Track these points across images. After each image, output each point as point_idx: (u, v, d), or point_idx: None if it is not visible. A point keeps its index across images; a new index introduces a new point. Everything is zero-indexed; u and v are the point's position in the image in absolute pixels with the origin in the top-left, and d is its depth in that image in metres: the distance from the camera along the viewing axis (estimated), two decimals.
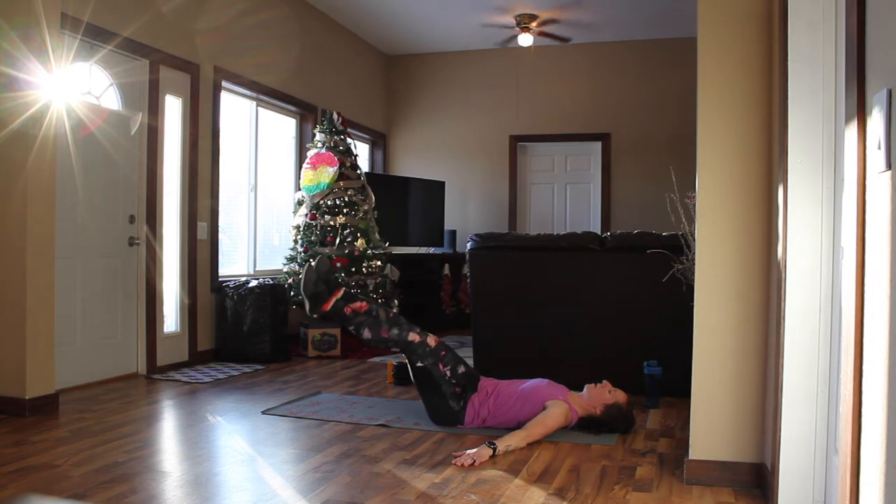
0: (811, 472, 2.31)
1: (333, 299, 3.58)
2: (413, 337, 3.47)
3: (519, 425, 3.34)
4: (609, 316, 4.37)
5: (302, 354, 5.80)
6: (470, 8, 7.07)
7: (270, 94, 6.36)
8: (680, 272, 3.78)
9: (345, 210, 5.91)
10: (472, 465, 2.89)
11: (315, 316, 3.64)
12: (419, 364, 3.47)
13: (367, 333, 3.51)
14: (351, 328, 3.58)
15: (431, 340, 3.49)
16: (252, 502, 2.49)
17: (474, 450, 2.99)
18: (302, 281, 3.61)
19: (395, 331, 3.49)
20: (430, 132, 8.67)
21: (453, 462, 2.92)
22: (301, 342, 5.88)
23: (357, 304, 3.59)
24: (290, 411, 3.82)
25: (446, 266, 7.70)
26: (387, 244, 6.35)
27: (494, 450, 2.99)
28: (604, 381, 3.49)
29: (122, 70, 4.77)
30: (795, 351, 2.31)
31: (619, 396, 3.43)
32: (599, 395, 3.43)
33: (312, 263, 3.64)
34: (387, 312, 3.59)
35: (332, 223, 5.86)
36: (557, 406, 3.33)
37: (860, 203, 1.42)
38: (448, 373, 3.48)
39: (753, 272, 2.67)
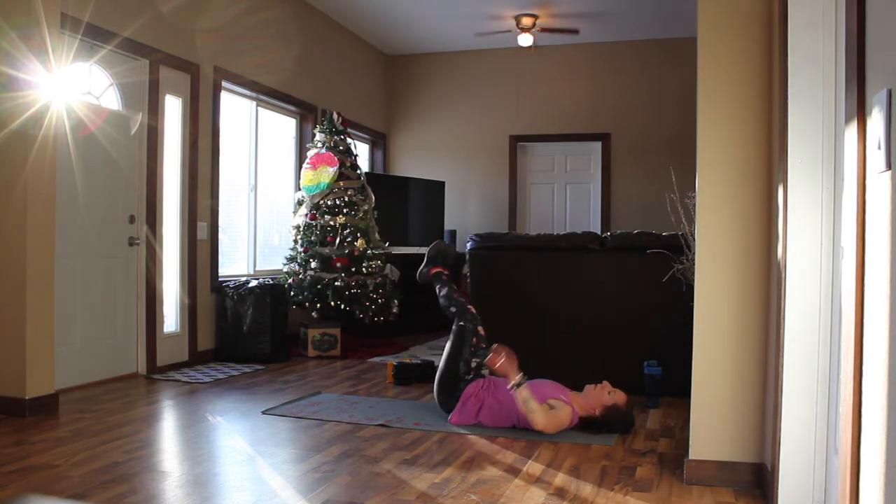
0: (811, 472, 2.31)
1: (439, 271, 4.03)
2: (472, 308, 3.82)
3: (517, 422, 3.40)
4: (609, 316, 4.37)
5: (302, 354, 5.80)
6: (470, 8, 7.07)
7: (270, 94, 6.36)
8: (680, 272, 3.78)
9: (345, 210, 5.91)
10: (501, 363, 3.28)
11: (420, 274, 4.12)
12: (461, 323, 3.75)
13: (444, 291, 3.90)
14: (436, 286, 3.97)
15: (481, 329, 3.76)
16: (252, 502, 2.49)
17: (508, 359, 3.32)
18: (434, 244, 4.19)
19: (462, 300, 3.86)
20: (430, 132, 8.67)
21: (486, 360, 3.37)
22: (301, 342, 5.88)
23: (457, 290, 3.98)
24: (290, 411, 3.82)
25: None
26: (387, 244, 6.34)
27: (519, 385, 3.24)
28: (603, 382, 3.49)
29: (122, 70, 4.77)
30: (795, 351, 2.31)
31: (619, 398, 3.43)
32: (599, 397, 3.44)
33: (445, 244, 4.24)
34: (469, 308, 3.89)
35: (332, 223, 5.86)
36: (563, 408, 3.37)
37: (860, 203, 1.42)
38: (473, 349, 3.66)
39: (753, 272, 2.67)
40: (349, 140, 6.17)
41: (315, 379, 4.84)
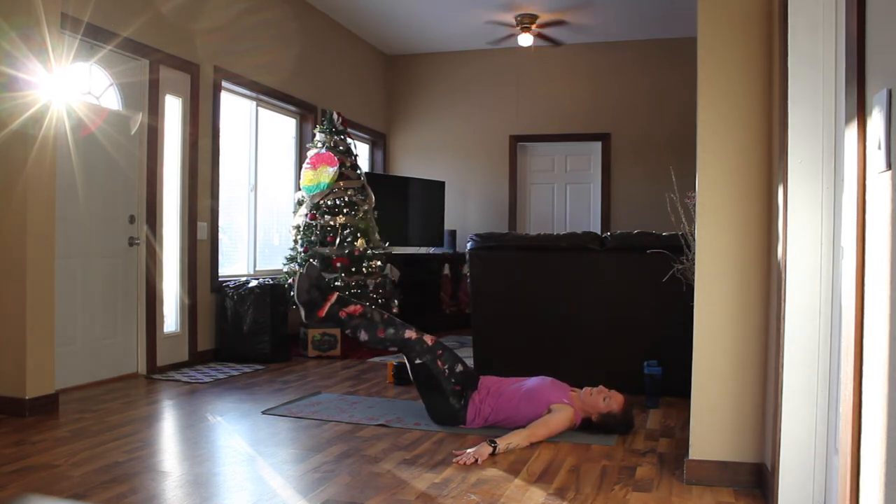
0: (811, 472, 2.31)
1: (328, 305, 3.61)
2: (409, 334, 3.51)
3: (521, 426, 3.32)
4: (609, 316, 4.37)
5: (302, 354, 5.80)
6: (470, 8, 7.07)
7: (270, 94, 6.36)
8: (680, 272, 3.78)
9: (345, 210, 5.91)
10: (475, 462, 2.89)
11: (310, 323, 3.68)
12: (417, 361, 3.49)
13: (363, 336, 3.56)
14: (347, 332, 3.62)
15: (428, 339, 3.53)
16: (252, 502, 2.49)
17: (474, 448, 2.99)
18: (295, 290, 3.66)
19: (391, 330, 3.53)
20: (430, 132, 8.67)
21: (454, 461, 2.92)
22: (301, 342, 5.88)
23: (351, 308, 3.63)
24: (290, 411, 3.82)
25: (446, 266, 7.70)
26: (387, 244, 6.35)
27: (495, 448, 3.00)
28: (599, 387, 3.43)
29: (122, 70, 4.77)
30: (795, 351, 2.31)
31: (616, 401, 3.38)
32: (595, 404, 3.37)
33: (302, 271, 3.70)
34: (381, 314, 3.64)
35: (332, 223, 5.87)
36: (564, 410, 3.31)
37: (860, 203, 1.42)
38: (446, 370, 3.49)
39: (753, 272, 2.67)
40: (349, 140, 6.18)
41: (315, 379, 4.84)
